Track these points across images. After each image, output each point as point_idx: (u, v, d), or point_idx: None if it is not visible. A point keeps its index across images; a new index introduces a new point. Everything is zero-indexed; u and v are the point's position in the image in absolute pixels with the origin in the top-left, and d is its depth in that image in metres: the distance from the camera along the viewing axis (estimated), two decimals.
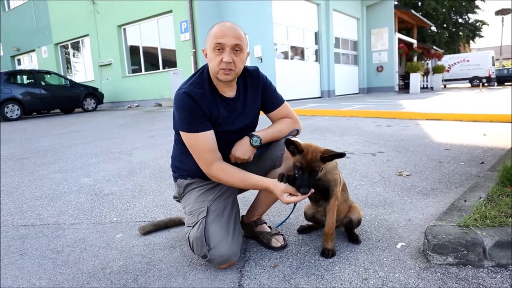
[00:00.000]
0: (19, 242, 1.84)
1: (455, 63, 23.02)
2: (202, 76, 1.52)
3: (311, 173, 1.37)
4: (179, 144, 1.61)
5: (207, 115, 1.47)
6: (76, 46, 15.51)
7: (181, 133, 1.50)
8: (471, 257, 1.37)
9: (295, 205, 1.67)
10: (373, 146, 3.75)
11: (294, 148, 1.38)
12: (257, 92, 1.62)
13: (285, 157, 1.54)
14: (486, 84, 20.86)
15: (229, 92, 1.55)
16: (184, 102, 1.44)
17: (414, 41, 18.61)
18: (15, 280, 1.47)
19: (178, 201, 1.72)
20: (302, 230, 1.79)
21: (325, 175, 1.48)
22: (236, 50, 1.43)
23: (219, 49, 1.42)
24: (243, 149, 1.54)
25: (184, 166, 1.63)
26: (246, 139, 1.55)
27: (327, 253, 1.52)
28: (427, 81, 19.22)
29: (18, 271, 1.54)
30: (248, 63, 1.72)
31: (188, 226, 1.50)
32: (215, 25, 1.46)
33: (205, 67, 1.55)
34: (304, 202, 1.86)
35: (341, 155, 1.36)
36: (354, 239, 1.65)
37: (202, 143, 1.46)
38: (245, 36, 1.48)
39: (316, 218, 1.72)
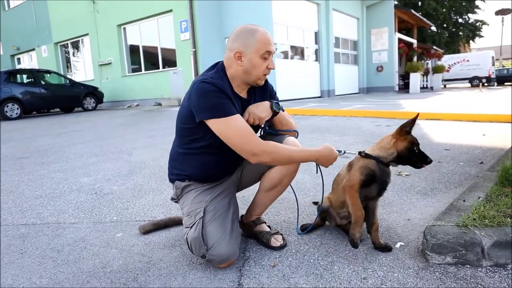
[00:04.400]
0: (19, 241, 1.84)
1: (455, 63, 23.02)
2: (218, 73, 1.50)
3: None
4: (177, 146, 1.62)
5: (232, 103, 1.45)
6: (76, 45, 15.50)
7: (213, 123, 1.39)
8: (470, 256, 1.38)
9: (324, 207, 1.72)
10: None
11: (410, 128, 1.58)
12: (264, 96, 1.65)
13: None
14: (486, 84, 20.86)
15: (243, 93, 1.57)
16: (209, 89, 1.39)
17: (414, 41, 18.62)
18: (16, 279, 1.47)
19: (176, 202, 1.72)
20: (304, 229, 1.79)
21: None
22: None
23: (266, 57, 1.46)
24: (262, 107, 1.57)
25: (182, 168, 1.62)
26: (267, 102, 1.60)
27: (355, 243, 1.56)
28: (427, 81, 19.21)
29: (18, 270, 1.55)
30: None
31: (186, 227, 1.51)
32: (255, 29, 1.44)
33: (218, 66, 1.53)
34: (317, 194, 1.86)
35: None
36: None
37: (244, 124, 1.43)
38: None
39: (328, 212, 1.74)
